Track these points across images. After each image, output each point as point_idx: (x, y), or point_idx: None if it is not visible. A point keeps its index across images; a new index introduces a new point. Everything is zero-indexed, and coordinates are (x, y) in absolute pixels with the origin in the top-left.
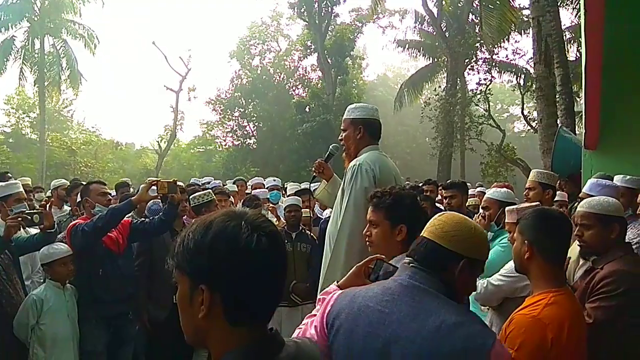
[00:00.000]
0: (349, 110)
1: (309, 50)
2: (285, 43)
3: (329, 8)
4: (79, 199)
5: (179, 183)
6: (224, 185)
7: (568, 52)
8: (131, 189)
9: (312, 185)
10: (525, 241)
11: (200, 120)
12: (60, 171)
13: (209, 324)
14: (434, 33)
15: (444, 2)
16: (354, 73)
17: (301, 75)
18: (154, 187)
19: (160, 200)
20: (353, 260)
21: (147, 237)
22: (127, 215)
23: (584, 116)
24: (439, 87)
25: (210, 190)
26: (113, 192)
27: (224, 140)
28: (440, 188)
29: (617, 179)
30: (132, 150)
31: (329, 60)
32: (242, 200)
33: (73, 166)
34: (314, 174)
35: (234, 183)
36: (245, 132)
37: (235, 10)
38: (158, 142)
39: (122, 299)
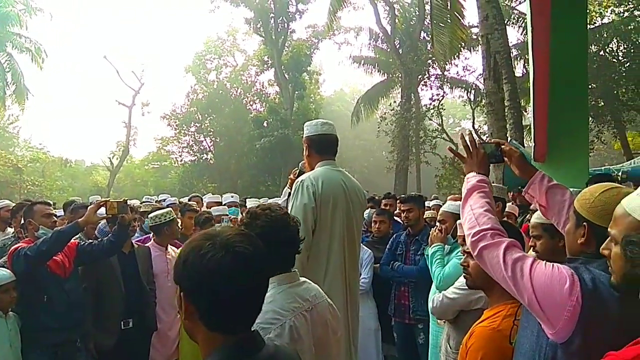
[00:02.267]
0: (304, 128)
1: (265, 66)
2: (242, 58)
3: (285, 24)
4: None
5: (129, 202)
6: (180, 202)
7: (515, 68)
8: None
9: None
10: None
11: (155, 135)
12: (5, 190)
13: (193, 325)
14: (388, 50)
15: (397, 20)
16: (311, 88)
17: (258, 90)
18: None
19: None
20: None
21: (95, 260)
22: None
23: (532, 130)
24: (394, 102)
25: (170, 209)
26: (60, 212)
27: (180, 156)
28: (398, 202)
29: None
30: (82, 167)
31: (286, 76)
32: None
33: (19, 185)
34: (289, 190)
35: (189, 200)
36: (201, 148)
37: (190, 25)
38: (110, 158)
39: (69, 325)
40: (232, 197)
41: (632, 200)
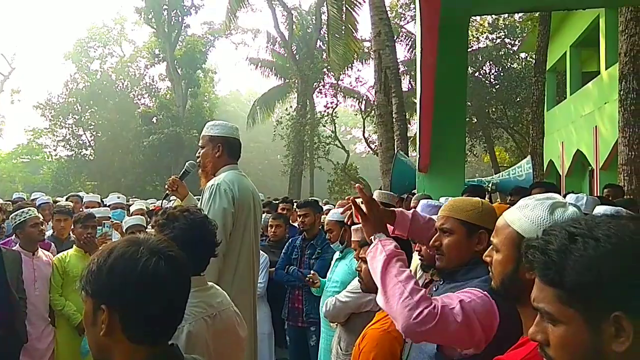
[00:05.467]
0: (208, 126)
1: (156, 59)
2: (130, 48)
3: (179, 17)
4: None
5: None
6: (55, 202)
7: (402, 83)
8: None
9: (163, 203)
10: None
11: (26, 126)
12: None
13: (111, 341)
14: (285, 55)
15: (294, 27)
16: (205, 86)
17: (148, 84)
18: None
19: None
20: (212, 280)
21: None
22: None
23: (417, 143)
24: (290, 107)
25: (29, 208)
26: None
27: (55, 150)
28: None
29: (443, 200)
30: None
31: (179, 71)
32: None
33: None
34: (167, 191)
35: (67, 199)
36: (80, 142)
37: (72, 8)
38: None
39: None
40: (118, 197)
41: (512, 213)
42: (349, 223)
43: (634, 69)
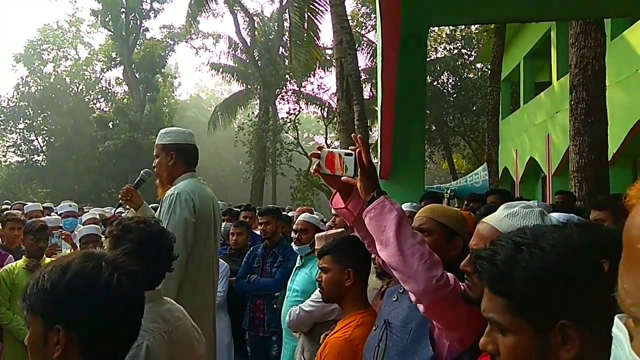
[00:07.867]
0: (160, 135)
1: (113, 62)
2: (86, 52)
3: (138, 21)
4: None
5: None
6: (2, 210)
7: (363, 90)
8: None
9: (116, 212)
10: (347, 269)
11: None
12: None
13: None
14: (247, 61)
15: (256, 33)
16: (165, 91)
17: (104, 88)
18: None
19: None
20: (171, 294)
21: None
22: None
23: (379, 149)
24: (252, 113)
25: None
26: None
27: (4, 156)
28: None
29: (405, 206)
30: None
31: (137, 75)
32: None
33: None
34: (121, 201)
35: (12, 208)
36: (32, 147)
37: (24, 8)
38: None
39: None
40: (69, 206)
41: (502, 222)
42: (313, 172)
43: (584, 80)
